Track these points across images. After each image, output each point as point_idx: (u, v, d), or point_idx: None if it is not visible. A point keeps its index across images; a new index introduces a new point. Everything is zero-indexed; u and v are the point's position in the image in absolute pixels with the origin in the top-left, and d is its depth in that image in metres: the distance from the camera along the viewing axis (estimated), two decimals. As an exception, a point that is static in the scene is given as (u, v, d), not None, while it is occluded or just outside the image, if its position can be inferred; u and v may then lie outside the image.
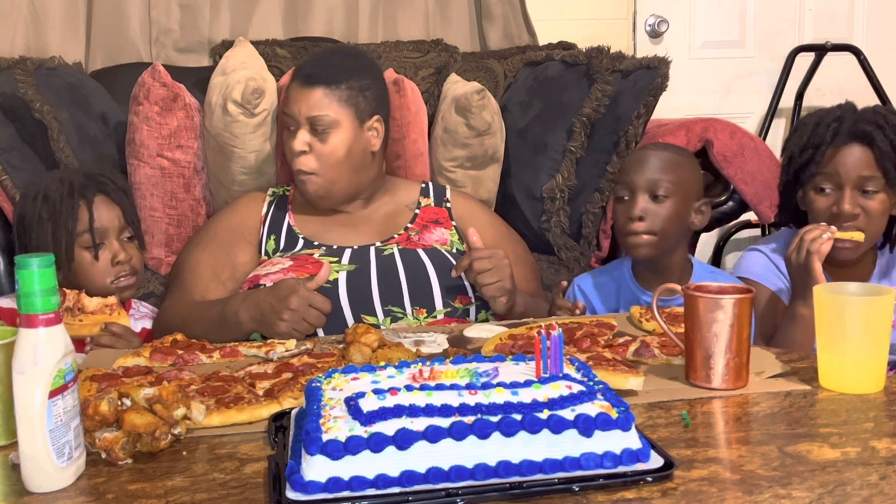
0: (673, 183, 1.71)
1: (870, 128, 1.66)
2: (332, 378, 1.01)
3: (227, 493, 0.91)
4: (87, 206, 1.67)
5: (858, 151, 1.66)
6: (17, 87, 1.94)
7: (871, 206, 1.66)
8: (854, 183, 1.66)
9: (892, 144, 1.65)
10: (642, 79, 2.04)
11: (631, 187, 1.72)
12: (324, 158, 1.80)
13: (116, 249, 1.70)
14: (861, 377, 1.17)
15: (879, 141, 1.65)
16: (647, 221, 1.69)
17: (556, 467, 0.89)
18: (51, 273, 0.93)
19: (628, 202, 1.72)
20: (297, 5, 2.45)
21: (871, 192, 1.66)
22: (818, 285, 1.24)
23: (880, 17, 3.25)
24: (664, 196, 1.70)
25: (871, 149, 1.66)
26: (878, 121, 1.67)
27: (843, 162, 1.66)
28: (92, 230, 1.67)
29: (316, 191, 1.83)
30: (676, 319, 1.37)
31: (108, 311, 1.58)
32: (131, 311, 1.80)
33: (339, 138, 1.81)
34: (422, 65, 2.34)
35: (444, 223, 1.94)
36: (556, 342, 0.99)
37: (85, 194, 1.68)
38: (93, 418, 0.99)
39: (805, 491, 0.88)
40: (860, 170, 1.66)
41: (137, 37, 2.32)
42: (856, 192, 1.66)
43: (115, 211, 1.71)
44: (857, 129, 1.67)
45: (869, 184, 1.65)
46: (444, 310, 1.73)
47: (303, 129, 1.79)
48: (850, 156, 1.66)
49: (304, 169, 1.80)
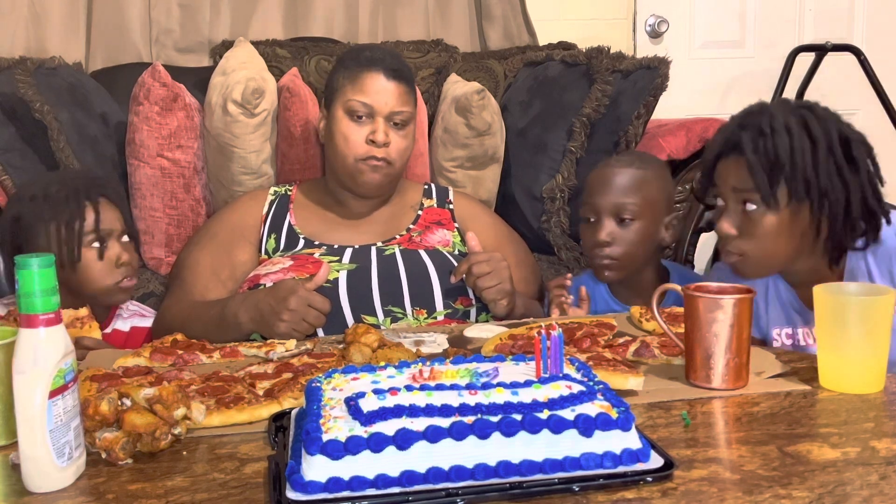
0: (639, 205, 1.68)
1: (746, 135, 1.44)
2: (332, 378, 1.01)
3: (227, 493, 0.91)
4: (94, 207, 1.68)
5: (733, 163, 1.45)
6: (17, 87, 1.94)
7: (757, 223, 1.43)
8: (733, 198, 1.45)
9: (768, 153, 1.41)
10: (642, 79, 2.04)
11: (596, 210, 1.70)
12: (399, 151, 1.83)
13: (119, 250, 1.70)
14: (861, 377, 1.17)
15: (749, 150, 1.42)
16: (614, 246, 1.68)
17: (556, 467, 0.89)
18: (51, 273, 0.93)
19: (594, 224, 1.70)
20: (297, 5, 2.45)
21: (754, 208, 1.43)
22: (818, 285, 1.23)
23: (880, 17, 3.25)
24: (630, 219, 1.68)
25: (745, 159, 1.43)
26: (761, 125, 1.43)
27: (721, 174, 1.48)
28: (98, 230, 1.67)
29: (381, 181, 1.84)
30: (676, 319, 1.37)
31: (79, 325, 1.56)
32: (119, 311, 1.81)
33: (411, 134, 1.87)
34: (422, 65, 2.34)
35: (447, 224, 1.94)
36: (556, 342, 0.99)
37: (90, 196, 1.68)
38: (93, 418, 0.99)
39: (805, 491, 0.88)
40: (735, 182, 1.44)
41: (137, 37, 2.32)
42: (736, 210, 1.45)
43: (117, 213, 1.72)
44: (734, 136, 1.46)
45: (747, 197, 1.43)
46: (444, 311, 1.73)
47: (381, 119, 1.80)
48: (726, 168, 1.47)
49: (379, 156, 1.80)
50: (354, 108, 1.81)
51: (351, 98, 1.81)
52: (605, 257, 1.70)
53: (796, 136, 1.41)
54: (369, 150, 1.80)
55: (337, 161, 1.84)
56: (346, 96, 1.82)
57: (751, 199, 1.43)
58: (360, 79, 1.82)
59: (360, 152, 1.80)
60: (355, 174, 1.82)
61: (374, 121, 1.80)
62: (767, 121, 1.43)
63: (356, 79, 1.82)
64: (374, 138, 1.79)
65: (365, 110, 1.80)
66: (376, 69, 1.82)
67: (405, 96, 1.83)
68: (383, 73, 1.82)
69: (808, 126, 1.42)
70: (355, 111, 1.81)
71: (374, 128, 1.80)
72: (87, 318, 1.59)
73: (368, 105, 1.80)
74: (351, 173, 1.83)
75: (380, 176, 1.83)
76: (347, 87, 1.82)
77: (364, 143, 1.80)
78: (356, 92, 1.81)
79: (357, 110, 1.81)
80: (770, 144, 1.41)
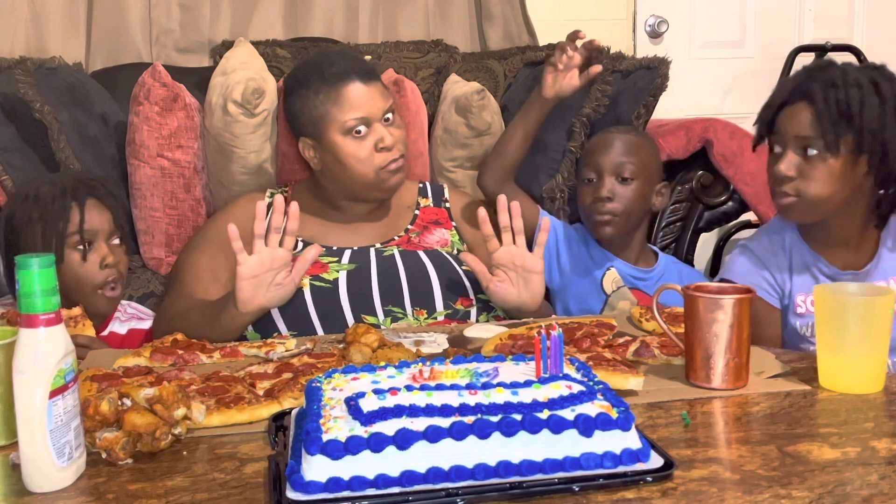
0: (637, 166, 1.84)
1: (816, 85, 1.54)
2: (332, 378, 1.01)
3: (227, 493, 0.91)
4: (79, 208, 1.67)
5: (800, 110, 1.55)
6: (17, 87, 1.94)
7: (810, 172, 1.55)
8: (794, 144, 1.56)
9: (839, 104, 1.52)
10: (642, 79, 2.04)
11: (597, 169, 1.86)
12: (402, 141, 1.82)
13: (105, 252, 1.69)
14: (861, 377, 1.17)
15: (819, 99, 1.53)
16: (615, 202, 1.83)
17: (556, 467, 0.89)
18: (51, 273, 0.93)
19: (595, 184, 1.85)
20: (297, 5, 2.45)
21: (812, 156, 1.54)
22: (818, 285, 1.24)
23: (880, 17, 3.25)
24: (629, 178, 1.84)
25: (813, 107, 1.54)
26: (833, 78, 1.54)
27: (785, 121, 1.58)
28: (82, 231, 1.66)
29: (403, 178, 1.84)
30: (676, 319, 1.37)
31: (72, 324, 1.55)
32: (117, 314, 1.80)
33: (400, 119, 1.86)
34: (422, 65, 2.34)
35: (445, 224, 1.94)
36: (556, 342, 0.99)
37: (77, 196, 1.68)
38: (93, 418, 0.99)
39: (805, 491, 0.88)
40: (798, 130, 1.55)
41: (137, 37, 2.32)
42: (797, 154, 1.56)
43: (106, 215, 1.71)
44: (803, 86, 1.57)
45: (810, 144, 1.54)
46: (444, 311, 1.73)
47: (378, 124, 1.78)
48: (792, 115, 1.57)
49: (396, 156, 1.79)
50: (353, 127, 1.76)
51: (344, 119, 1.76)
52: (606, 213, 1.85)
53: (866, 90, 1.53)
54: (385, 157, 1.77)
55: (354, 181, 1.80)
56: (338, 119, 1.76)
57: (812, 146, 1.54)
58: (343, 96, 1.77)
59: (378, 164, 1.77)
60: (379, 184, 1.80)
61: (374, 129, 1.78)
62: (840, 74, 1.55)
63: (338, 98, 1.77)
64: (385, 144, 1.77)
65: (362, 124, 1.77)
66: (351, 80, 1.78)
67: (384, 91, 1.82)
68: (359, 80, 1.78)
69: (877, 84, 1.55)
70: (354, 129, 1.77)
71: (379, 136, 1.77)
72: (80, 316, 1.58)
73: (364, 118, 1.77)
74: (374, 186, 1.80)
75: (401, 174, 1.82)
76: (332, 110, 1.77)
77: (376, 154, 1.77)
78: (346, 111, 1.76)
79: (356, 128, 1.76)
80: (841, 95, 1.52)
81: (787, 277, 1.66)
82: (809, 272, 1.66)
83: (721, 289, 1.22)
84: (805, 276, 1.66)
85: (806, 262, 1.66)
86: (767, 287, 1.66)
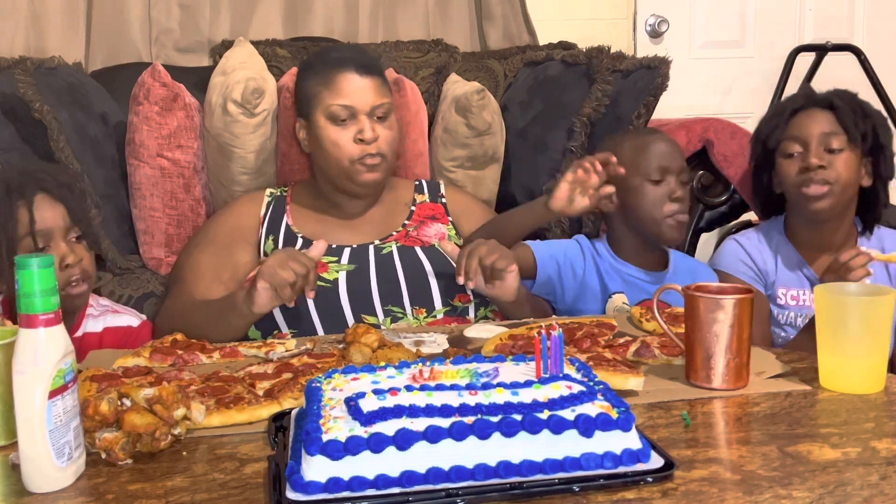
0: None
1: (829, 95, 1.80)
2: (332, 378, 1.01)
3: (227, 493, 0.91)
4: (27, 207, 1.50)
5: (820, 113, 1.78)
6: (16, 86, 1.93)
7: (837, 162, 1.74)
8: (819, 139, 1.76)
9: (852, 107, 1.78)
10: (642, 79, 2.04)
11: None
12: (388, 143, 1.82)
13: (64, 252, 1.53)
14: (861, 377, 1.17)
15: (838, 104, 1.77)
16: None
17: (556, 467, 0.89)
18: (50, 273, 0.93)
19: (662, 184, 1.75)
20: (297, 5, 2.45)
21: (836, 150, 1.75)
22: (819, 286, 1.24)
23: (880, 17, 3.25)
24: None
25: (832, 111, 1.77)
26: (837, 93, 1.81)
27: (805, 123, 1.78)
28: (33, 233, 1.50)
29: (378, 177, 1.83)
30: (676, 319, 1.37)
31: None
32: (89, 310, 1.69)
33: (395, 123, 1.87)
34: (422, 65, 2.34)
35: (441, 218, 1.94)
36: (556, 342, 0.99)
37: (24, 193, 1.51)
38: (93, 418, 0.99)
39: (805, 491, 0.88)
40: (822, 127, 1.76)
41: (137, 37, 2.32)
42: (821, 149, 1.75)
43: (59, 210, 1.54)
44: (817, 97, 1.81)
45: (833, 141, 1.75)
46: (443, 308, 1.73)
47: (363, 116, 1.79)
48: (811, 117, 1.78)
49: (372, 152, 1.79)
50: (336, 113, 1.79)
51: (330, 103, 1.79)
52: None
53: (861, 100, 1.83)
54: (362, 150, 1.79)
55: (330, 167, 1.83)
56: (325, 102, 1.80)
57: (835, 140, 1.75)
58: (335, 81, 1.80)
59: (353, 154, 1.79)
60: (352, 175, 1.81)
61: (358, 120, 1.79)
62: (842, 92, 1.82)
63: (330, 82, 1.81)
64: (363, 137, 1.78)
65: (346, 112, 1.79)
66: (347, 68, 1.81)
67: (381, 88, 1.83)
68: (355, 70, 1.81)
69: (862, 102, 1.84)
70: (337, 115, 1.79)
71: (360, 127, 1.79)
72: None
73: (349, 106, 1.79)
74: (347, 175, 1.82)
75: (376, 172, 1.82)
76: (323, 92, 1.81)
77: (354, 144, 1.79)
78: (334, 96, 1.80)
79: (339, 114, 1.79)
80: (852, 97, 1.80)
81: (773, 269, 1.79)
82: (794, 273, 1.79)
83: (721, 289, 1.22)
84: (789, 274, 1.80)
85: (791, 264, 1.81)
86: (753, 275, 1.79)
